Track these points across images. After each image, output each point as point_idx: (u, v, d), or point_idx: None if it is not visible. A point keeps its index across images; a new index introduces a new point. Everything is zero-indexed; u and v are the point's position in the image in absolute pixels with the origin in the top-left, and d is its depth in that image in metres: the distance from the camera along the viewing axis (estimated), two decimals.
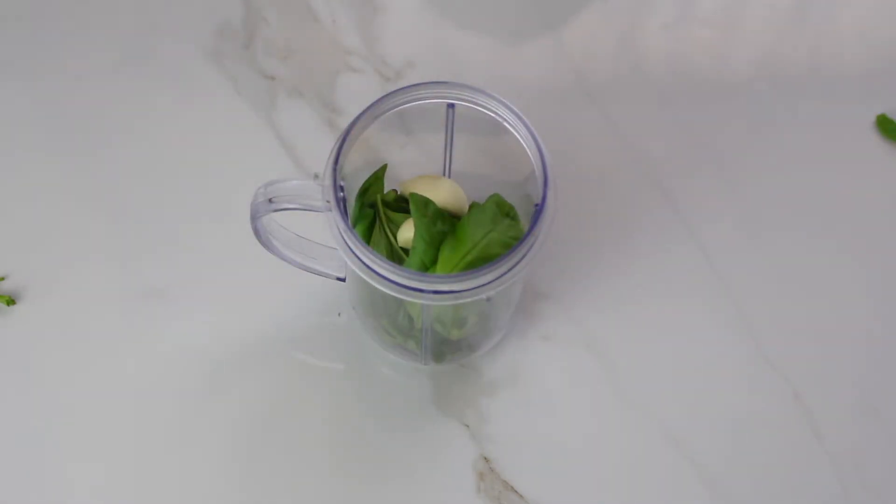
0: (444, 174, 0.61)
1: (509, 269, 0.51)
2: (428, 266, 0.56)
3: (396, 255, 0.57)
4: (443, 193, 0.59)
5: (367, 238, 0.57)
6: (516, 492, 0.59)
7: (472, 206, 0.57)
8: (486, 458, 0.60)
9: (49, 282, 0.64)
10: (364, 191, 0.58)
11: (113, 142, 0.68)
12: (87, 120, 0.68)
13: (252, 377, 0.61)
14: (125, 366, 0.61)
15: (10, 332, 0.62)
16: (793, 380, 0.62)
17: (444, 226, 0.56)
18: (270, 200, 0.53)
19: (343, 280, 0.60)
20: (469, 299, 0.51)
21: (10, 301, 0.62)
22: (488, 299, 0.56)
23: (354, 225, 0.57)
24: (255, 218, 0.54)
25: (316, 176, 0.53)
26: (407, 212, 0.57)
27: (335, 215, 0.51)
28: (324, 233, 0.52)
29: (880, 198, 0.68)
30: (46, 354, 0.62)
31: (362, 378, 0.62)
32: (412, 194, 0.56)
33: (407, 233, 0.57)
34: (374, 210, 0.58)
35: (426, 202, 0.55)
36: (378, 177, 0.58)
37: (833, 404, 0.61)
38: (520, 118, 0.54)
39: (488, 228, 0.55)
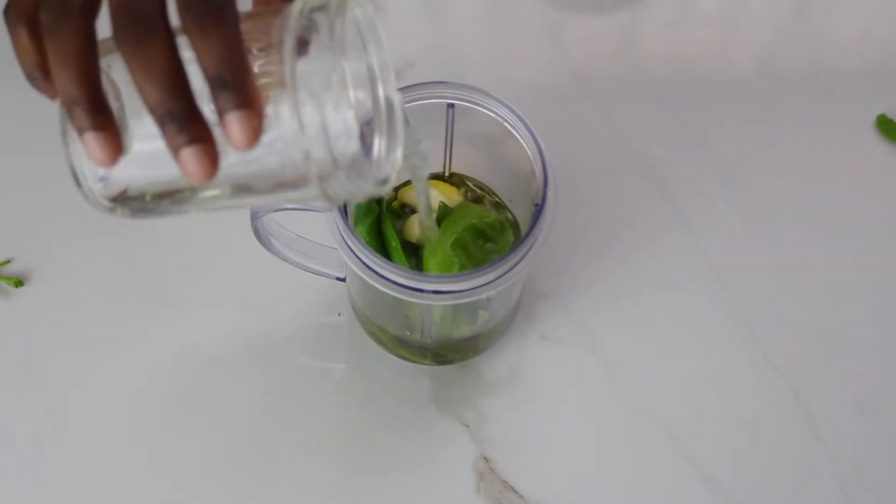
0: (443, 174, 0.61)
1: (509, 269, 0.51)
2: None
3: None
4: (440, 199, 0.59)
5: (375, 233, 0.57)
6: (516, 492, 0.59)
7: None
8: (486, 458, 0.60)
9: (53, 267, 0.64)
10: None
11: None
12: None
13: (252, 377, 0.61)
14: (125, 363, 0.62)
15: (17, 313, 0.63)
16: (793, 380, 0.62)
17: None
18: None
19: (343, 280, 0.60)
20: (469, 299, 0.51)
21: (18, 283, 0.63)
22: (488, 299, 0.55)
23: (358, 222, 0.57)
24: (255, 218, 0.54)
25: None
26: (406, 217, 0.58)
27: (335, 215, 0.51)
28: (324, 233, 0.52)
29: (880, 197, 0.68)
30: (51, 338, 0.62)
31: (362, 378, 0.62)
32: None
33: (414, 227, 0.57)
34: (379, 206, 0.58)
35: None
36: None
37: (833, 404, 0.61)
38: (520, 118, 0.54)
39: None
